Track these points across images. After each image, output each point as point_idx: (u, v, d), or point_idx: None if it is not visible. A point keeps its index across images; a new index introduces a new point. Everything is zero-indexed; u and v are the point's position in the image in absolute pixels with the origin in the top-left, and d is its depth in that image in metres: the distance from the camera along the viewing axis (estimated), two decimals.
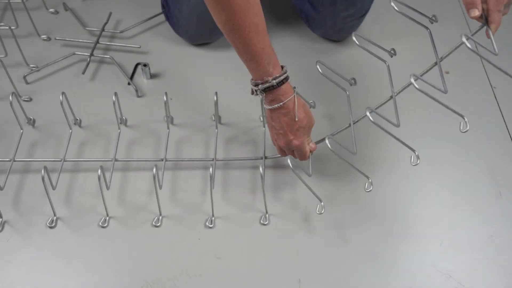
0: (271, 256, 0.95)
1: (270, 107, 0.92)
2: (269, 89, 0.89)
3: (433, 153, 1.10)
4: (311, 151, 0.99)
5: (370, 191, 0.92)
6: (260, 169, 0.92)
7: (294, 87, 0.92)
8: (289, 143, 0.94)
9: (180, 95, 1.21)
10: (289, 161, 0.90)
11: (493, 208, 1.01)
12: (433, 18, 0.88)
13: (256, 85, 0.90)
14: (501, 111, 1.19)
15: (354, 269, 0.93)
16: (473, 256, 0.95)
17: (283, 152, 1.00)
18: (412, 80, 0.80)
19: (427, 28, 0.85)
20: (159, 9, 1.37)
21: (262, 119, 1.15)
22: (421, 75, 0.84)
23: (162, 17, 1.38)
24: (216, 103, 1.07)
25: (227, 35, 0.88)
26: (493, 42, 0.76)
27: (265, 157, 1.06)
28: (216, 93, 1.06)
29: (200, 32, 1.28)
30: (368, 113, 0.87)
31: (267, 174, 1.05)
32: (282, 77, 0.89)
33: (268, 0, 1.46)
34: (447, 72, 1.26)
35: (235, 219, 0.99)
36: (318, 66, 0.98)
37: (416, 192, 1.04)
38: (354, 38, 0.94)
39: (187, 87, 1.23)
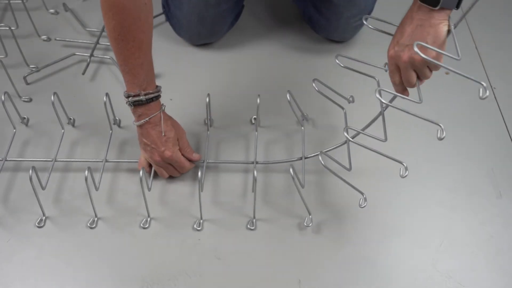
0: (270, 257, 0.95)
1: (138, 123, 0.96)
2: (138, 103, 0.94)
3: (433, 153, 1.10)
4: (193, 160, 1.03)
5: (364, 207, 0.91)
6: (255, 173, 0.92)
7: (163, 105, 0.97)
8: (162, 155, 0.98)
9: (180, 96, 1.20)
10: (291, 170, 0.89)
11: (493, 208, 1.01)
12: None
13: (128, 96, 0.94)
14: (501, 111, 1.19)
15: (354, 270, 0.93)
16: (473, 256, 0.95)
17: (163, 172, 1.02)
18: (377, 95, 0.81)
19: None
20: (159, 9, 1.37)
21: (253, 122, 1.14)
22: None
23: (162, 17, 1.38)
24: (208, 105, 1.06)
25: (111, 42, 0.90)
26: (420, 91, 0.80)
27: (256, 162, 1.05)
28: (208, 94, 1.06)
29: (200, 32, 1.28)
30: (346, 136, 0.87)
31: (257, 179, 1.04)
32: (152, 95, 0.94)
33: (272, 2, 1.46)
34: (447, 73, 1.26)
35: (229, 221, 0.99)
36: (314, 84, 1.00)
37: (416, 192, 1.04)
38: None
39: (186, 88, 1.23)
